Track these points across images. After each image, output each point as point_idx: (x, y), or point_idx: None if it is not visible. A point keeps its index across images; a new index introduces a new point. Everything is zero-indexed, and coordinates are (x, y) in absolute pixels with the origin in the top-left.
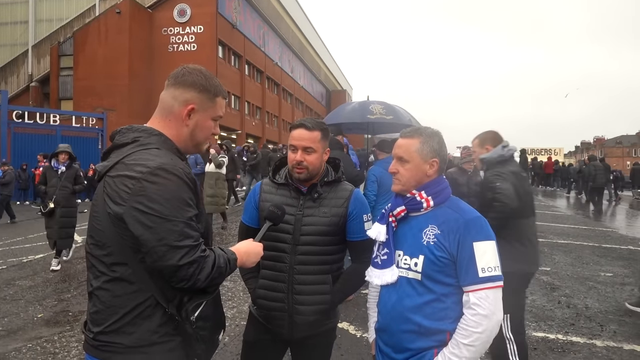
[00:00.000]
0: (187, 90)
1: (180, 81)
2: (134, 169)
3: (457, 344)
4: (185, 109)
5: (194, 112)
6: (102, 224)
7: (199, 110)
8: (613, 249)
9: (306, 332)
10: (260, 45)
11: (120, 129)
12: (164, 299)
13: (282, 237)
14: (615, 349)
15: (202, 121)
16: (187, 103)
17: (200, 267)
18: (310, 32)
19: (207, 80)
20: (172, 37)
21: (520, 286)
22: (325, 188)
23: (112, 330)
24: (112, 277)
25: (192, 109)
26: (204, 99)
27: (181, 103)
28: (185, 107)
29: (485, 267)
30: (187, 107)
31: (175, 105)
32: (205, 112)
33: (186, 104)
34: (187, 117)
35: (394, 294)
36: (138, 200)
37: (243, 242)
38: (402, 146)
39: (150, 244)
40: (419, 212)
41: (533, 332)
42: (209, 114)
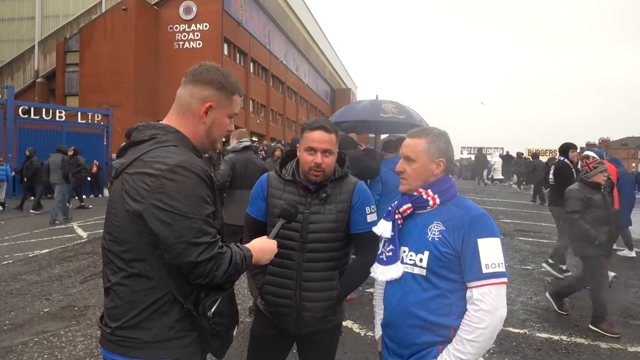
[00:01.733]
0: (205, 88)
1: (199, 79)
2: (153, 167)
3: (461, 340)
4: (203, 106)
5: (212, 110)
6: (120, 221)
7: (216, 107)
8: (618, 250)
9: (313, 328)
10: (265, 43)
11: (137, 126)
12: (181, 295)
13: (291, 234)
14: (619, 351)
15: (218, 119)
16: (205, 100)
17: (217, 263)
18: (315, 30)
19: (225, 78)
20: (177, 35)
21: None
22: (330, 185)
23: (130, 326)
24: (130, 273)
25: (210, 106)
26: (222, 96)
27: (199, 100)
28: (203, 105)
29: (489, 264)
30: (205, 105)
31: (193, 102)
32: (223, 109)
33: (204, 101)
34: (205, 115)
35: (399, 289)
36: (157, 198)
37: (258, 239)
38: (410, 146)
39: (169, 240)
40: (425, 209)
41: (537, 332)
42: (226, 112)
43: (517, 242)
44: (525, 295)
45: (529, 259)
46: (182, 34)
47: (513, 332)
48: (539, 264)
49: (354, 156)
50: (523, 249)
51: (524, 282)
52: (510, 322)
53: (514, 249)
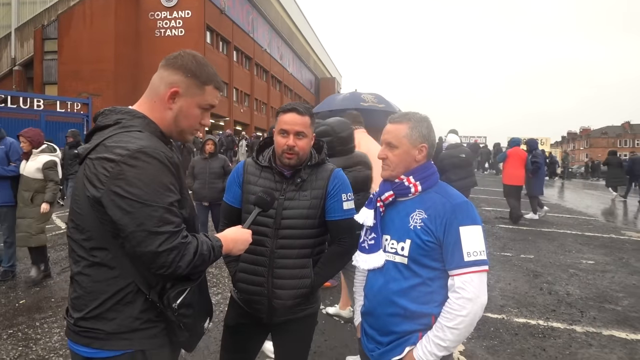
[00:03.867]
0: (175, 73)
1: (171, 63)
2: (114, 151)
3: (441, 327)
4: (168, 91)
5: (178, 97)
6: (82, 208)
7: (183, 95)
8: (595, 237)
9: (285, 317)
10: (249, 32)
11: (104, 110)
12: (146, 285)
13: (264, 221)
14: (594, 334)
15: (186, 107)
16: (172, 86)
17: (181, 253)
18: (299, 19)
19: (199, 67)
20: (159, 22)
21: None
22: (307, 171)
23: (92, 316)
24: (92, 262)
25: (175, 92)
26: (191, 84)
27: (166, 85)
28: (168, 90)
29: (470, 252)
30: (171, 90)
31: (161, 87)
32: (191, 98)
33: (170, 86)
34: (171, 101)
35: (381, 277)
36: (117, 184)
37: (231, 229)
38: (391, 132)
39: (128, 229)
40: (406, 197)
41: (515, 318)
42: (195, 101)
43: (498, 229)
44: (504, 282)
45: (509, 246)
46: (163, 22)
47: (491, 318)
48: (518, 251)
49: None
50: (503, 236)
51: (502, 269)
52: (488, 308)
53: (494, 236)
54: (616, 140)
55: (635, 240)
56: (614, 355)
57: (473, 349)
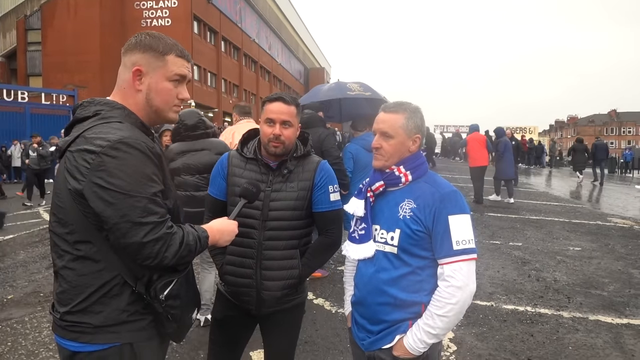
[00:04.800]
0: (132, 54)
1: (127, 47)
2: (94, 143)
3: (431, 315)
4: (131, 72)
5: (143, 75)
6: (63, 201)
7: (147, 71)
8: (582, 224)
9: (273, 308)
10: (236, 21)
11: (82, 102)
12: (132, 277)
13: (251, 213)
14: (580, 320)
15: (154, 83)
16: (134, 65)
17: (166, 244)
18: (288, 9)
19: (154, 40)
20: (145, 12)
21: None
22: (293, 162)
23: (78, 310)
24: (76, 255)
25: (137, 70)
26: (150, 57)
27: (129, 68)
28: (131, 71)
29: (459, 240)
30: (133, 69)
31: (125, 72)
32: (155, 72)
33: (132, 66)
34: (138, 82)
35: (371, 267)
36: (98, 176)
37: (217, 220)
38: (387, 121)
39: (112, 220)
40: (396, 187)
41: (503, 304)
42: (162, 74)
43: (487, 217)
44: (492, 269)
45: (498, 234)
46: (149, 11)
47: (480, 305)
48: (506, 239)
49: (321, 135)
50: (492, 225)
51: (491, 257)
52: (477, 295)
53: (483, 224)
54: (603, 128)
55: (620, 227)
56: (599, 340)
57: (462, 336)
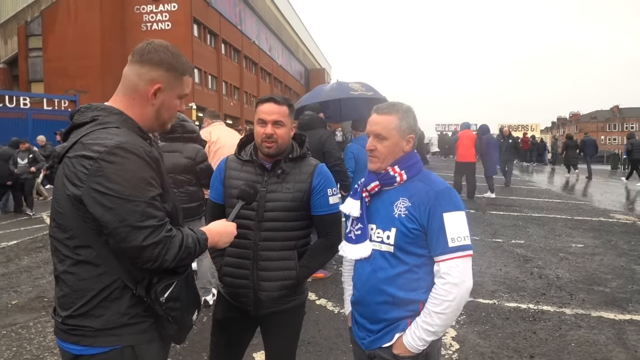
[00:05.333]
0: (154, 69)
1: (147, 59)
2: (91, 149)
3: (429, 313)
4: (151, 88)
5: (161, 92)
6: (63, 207)
7: (165, 89)
8: (585, 221)
9: (271, 309)
10: (236, 24)
11: (80, 107)
12: (132, 281)
13: (247, 214)
14: (583, 316)
15: (168, 100)
16: (154, 82)
17: (166, 247)
18: (287, 10)
19: (175, 58)
20: (145, 16)
21: None
22: (289, 164)
23: (80, 314)
24: (76, 260)
25: (158, 88)
26: (171, 77)
27: (147, 82)
28: (151, 86)
29: (455, 237)
30: (154, 87)
31: (140, 83)
32: (172, 91)
33: (152, 83)
34: (153, 97)
35: (368, 267)
36: (96, 181)
37: (216, 222)
38: (380, 123)
39: (111, 225)
40: (392, 186)
41: (506, 302)
42: (176, 93)
43: (489, 216)
44: (495, 267)
45: (500, 232)
46: (149, 15)
47: (482, 303)
48: (509, 237)
49: (322, 137)
50: (494, 223)
51: (494, 255)
52: (480, 294)
53: (485, 222)
54: (605, 125)
55: (623, 223)
56: (602, 336)
57: (465, 334)
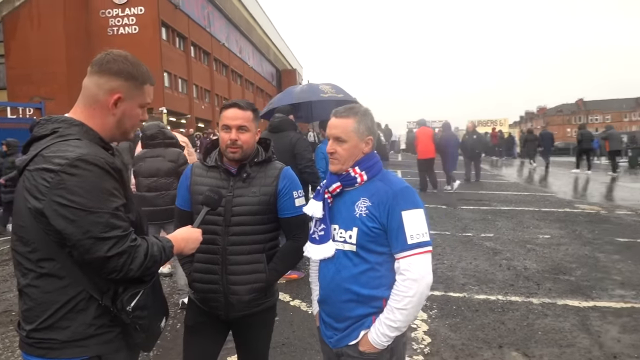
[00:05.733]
0: (113, 79)
1: (105, 69)
2: (52, 161)
3: (391, 310)
4: (111, 98)
5: (121, 101)
6: (24, 220)
7: (126, 99)
8: (551, 212)
9: (243, 312)
10: (205, 26)
11: (39, 120)
12: (97, 291)
13: (214, 219)
14: (549, 305)
15: (129, 110)
16: (113, 92)
17: (131, 257)
18: (257, 11)
19: (134, 68)
20: (111, 20)
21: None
22: (255, 168)
23: (45, 327)
24: (40, 273)
25: (118, 98)
26: (131, 87)
27: (107, 92)
28: (111, 96)
29: (413, 234)
30: (114, 97)
31: (100, 94)
32: (133, 100)
33: (112, 92)
34: (114, 106)
35: (332, 266)
36: (58, 194)
37: (181, 229)
38: (339, 126)
39: (75, 237)
40: (353, 186)
41: (475, 295)
42: (137, 102)
43: (460, 210)
44: (465, 261)
45: (470, 226)
46: (115, 19)
47: (453, 297)
48: (478, 230)
49: (293, 139)
50: (464, 217)
51: (464, 249)
52: (450, 287)
53: (456, 217)
54: (571, 117)
55: (587, 213)
56: (567, 323)
57: (436, 328)
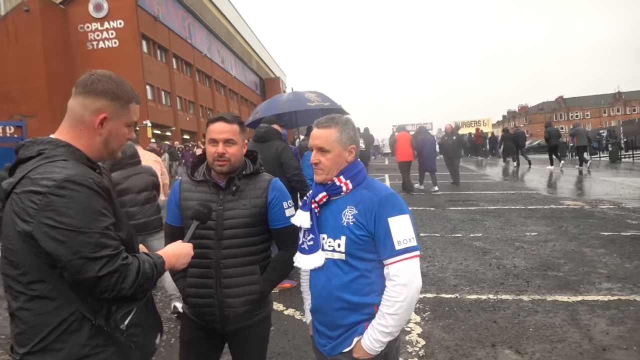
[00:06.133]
0: (98, 99)
1: (90, 89)
2: (40, 183)
3: (382, 315)
4: (97, 118)
5: (107, 121)
6: (13, 244)
7: (111, 118)
8: (537, 209)
9: (238, 324)
10: (186, 37)
11: (25, 142)
12: (90, 311)
13: (206, 233)
14: (539, 302)
15: (115, 129)
16: (99, 112)
17: (123, 275)
18: (237, 21)
19: (119, 87)
20: (90, 34)
21: None
22: (243, 180)
23: (38, 350)
24: (31, 295)
25: (104, 117)
26: (117, 106)
27: (92, 112)
28: (97, 117)
29: (401, 240)
30: (100, 117)
31: (86, 114)
32: (119, 119)
33: (98, 113)
34: (100, 126)
35: (322, 275)
36: (47, 216)
37: (172, 244)
38: (321, 137)
39: (65, 258)
40: (339, 195)
41: (467, 295)
42: (123, 121)
43: (448, 212)
44: (455, 262)
45: (459, 227)
46: (95, 33)
47: (445, 298)
48: (467, 231)
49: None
50: (453, 218)
51: (454, 250)
52: (442, 289)
53: (445, 219)
54: (552, 115)
55: (572, 209)
56: (557, 319)
57: (430, 330)
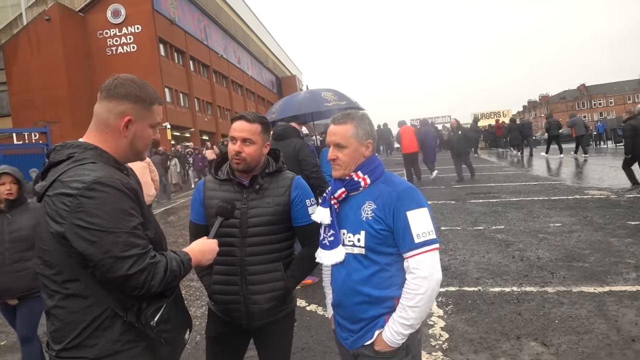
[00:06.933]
0: (122, 102)
1: (113, 93)
2: (70, 186)
3: (403, 308)
4: (121, 121)
5: (132, 123)
6: (47, 244)
7: (136, 120)
8: (561, 200)
9: (264, 320)
10: (202, 39)
11: (55, 146)
12: (122, 308)
13: (230, 231)
14: (565, 293)
15: (140, 131)
16: (123, 115)
17: (151, 273)
18: (252, 21)
19: (141, 90)
20: (109, 40)
21: None
22: (266, 179)
23: (73, 346)
24: (65, 294)
25: (129, 120)
26: (140, 108)
27: (117, 115)
28: (121, 119)
29: (420, 233)
30: (124, 119)
31: (111, 118)
32: (143, 121)
33: (122, 116)
34: (125, 129)
35: (343, 270)
36: (78, 217)
37: (197, 241)
38: (338, 133)
39: (96, 257)
40: (357, 191)
41: (490, 288)
42: (147, 123)
43: (469, 205)
44: (478, 255)
45: (480, 220)
46: (113, 39)
47: (468, 291)
48: (489, 223)
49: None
50: (474, 211)
51: (476, 242)
52: (465, 282)
53: (466, 211)
54: (574, 103)
55: (597, 198)
56: (584, 310)
57: (453, 323)
